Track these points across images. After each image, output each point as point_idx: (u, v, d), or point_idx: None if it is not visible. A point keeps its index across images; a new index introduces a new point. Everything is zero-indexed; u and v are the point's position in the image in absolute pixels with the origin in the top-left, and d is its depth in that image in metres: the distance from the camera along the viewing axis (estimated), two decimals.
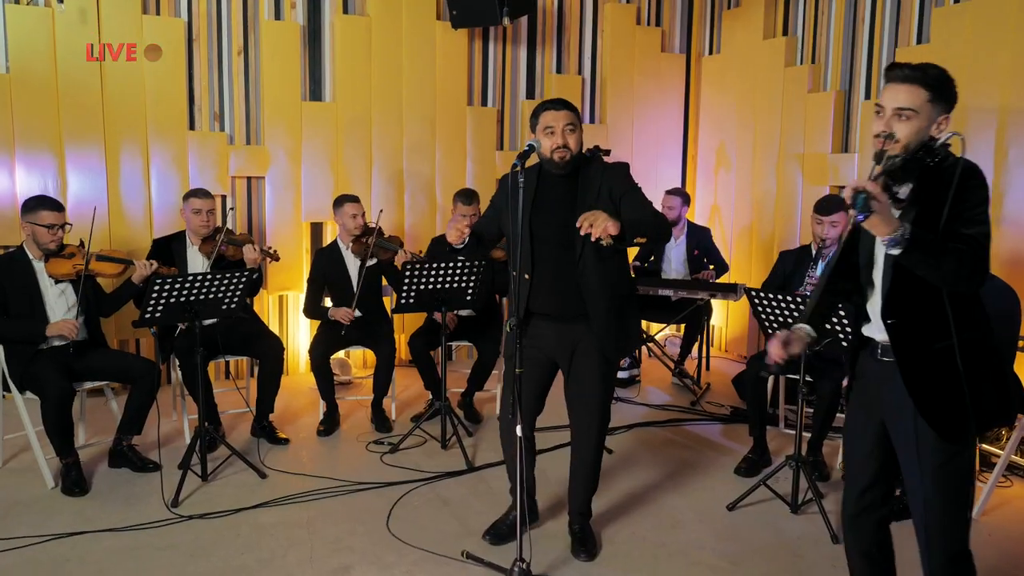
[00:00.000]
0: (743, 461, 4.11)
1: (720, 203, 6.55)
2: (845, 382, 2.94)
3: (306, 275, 5.61)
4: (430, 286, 4.21)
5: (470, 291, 4.30)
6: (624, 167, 3.09)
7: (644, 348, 5.92)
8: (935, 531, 2.11)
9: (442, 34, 5.88)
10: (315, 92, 5.70)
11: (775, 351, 2.27)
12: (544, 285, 3.00)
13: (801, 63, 5.79)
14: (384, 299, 4.97)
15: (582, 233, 2.69)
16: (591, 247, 2.86)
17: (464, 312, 4.88)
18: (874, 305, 2.21)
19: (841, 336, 3.37)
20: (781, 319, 3.55)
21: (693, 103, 6.85)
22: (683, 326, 5.79)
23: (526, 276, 2.99)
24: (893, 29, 5.06)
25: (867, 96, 5.27)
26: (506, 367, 3.14)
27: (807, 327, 2.34)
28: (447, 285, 4.23)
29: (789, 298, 3.51)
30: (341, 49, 5.65)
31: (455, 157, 6.05)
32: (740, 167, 6.31)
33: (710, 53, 6.76)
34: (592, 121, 6.53)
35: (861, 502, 2.33)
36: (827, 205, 4.13)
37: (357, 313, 4.71)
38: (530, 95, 6.31)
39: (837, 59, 5.49)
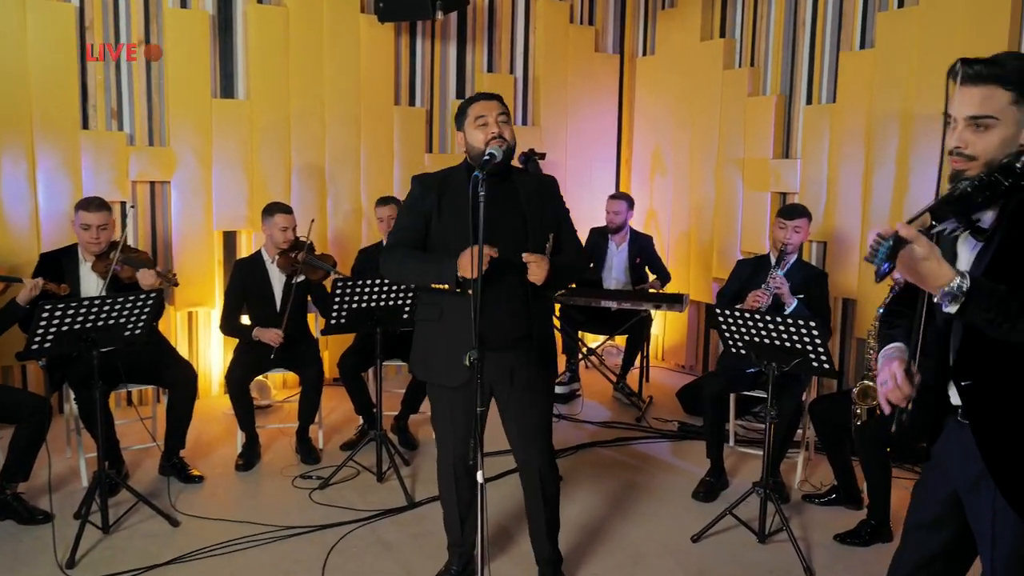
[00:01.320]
0: (701, 485, 3.90)
1: (656, 208, 6.37)
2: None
3: (219, 289, 5.13)
4: (363, 304, 3.83)
5: (407, 308, 3.94)
6: (556, 183, 2.88)
7: (583, 361, 5.68)
8: None
9: (367, 28, 5.47)
10: (227, 88, 5.20)
11: (897, 392, 1.78)
12: (490, 306, 2.60)
13: (740, 66, 5.66)
14: (309, 316, 4.55)
15: (525, 261, 2.53)
16: None
17: None
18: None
19: (812, 356, 3.18)
20: (747, 337, 3.34)
21: (627, 105, 6.65)
22: (624, 338, 5.57)
23: (469, 292, 2.58)
24: (835, 33, 4.96)
25: (808, 101, 5.16)
26: (438, 402, 2.82)
27: (896, 344, 1.90)
28: (382, 303, 3.86)
29: (758, 316, 3.29)
30: (255, 42, 5.17)
31: (381, 160, 5.66)
32: (677, 171, 6.15)
33: (644, 54, 6.57)
34: (525, 123, 6.24)
35: (921, 572, 2.00)
36: (791, 210, 3.98)
37: None
38: (460, 94, 5.97)
39: (777, 62, 5.37)
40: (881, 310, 2.14)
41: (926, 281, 1.55)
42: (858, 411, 3.47)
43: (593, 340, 6.02)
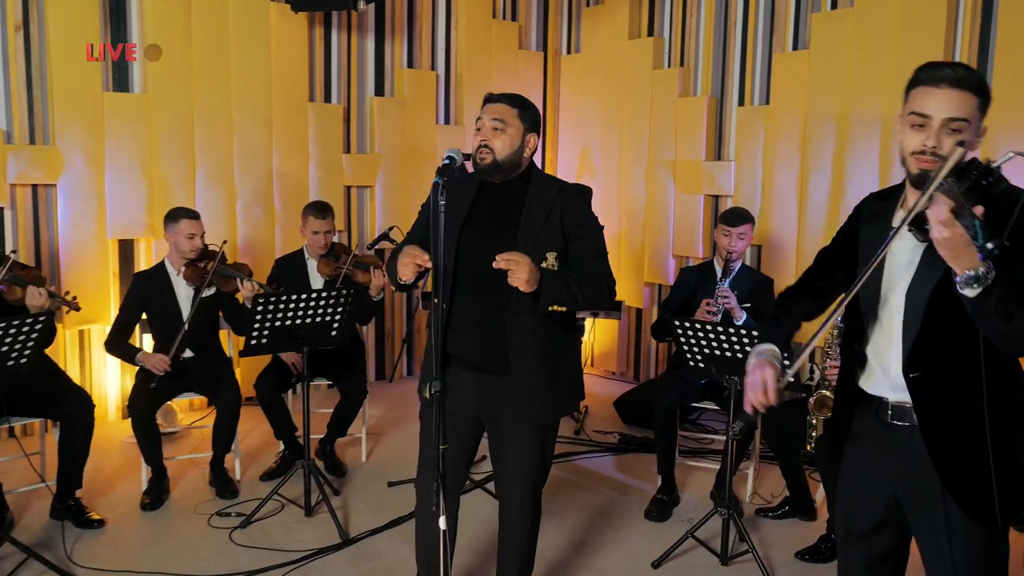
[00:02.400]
0: (653, 503, 3.72)
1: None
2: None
3: (115, 304, 4.62)
4: (287, 322, 3.45)
5: (336, 325, 3.59)
6: (587, 193, 2.49)
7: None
8: None
9: (278, 18, 5.05)
10: (120, 81, 4.68)
11: (760, 396, 1.82)
12: (465, 324, 2.37)
13: (669, 66, 5.54)
14: (222, 332, 4.12)
15: (496, 266, 2.19)
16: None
17: None
18: (879, 353, 1.83)
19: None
20: (707, 350, 3.17)
21: (552, 105, 6.45)
22: None
23: (443, 305, 2.32)
24: (767, 34, 4.90)
25: (741, 102, 5.09)
26: (425, 421, 2.51)
27: (774, 348, 1.92)
28: (308, 320, 3.50)
29: (720, 328, 3.13)
30: (152, 29, 4.67)
31: (296, 160, 5.24)
32: (606, 173, 5.99)
33: (569, 52, 6.39)
34: (447, 122, 5.94)
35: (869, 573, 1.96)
36: (735, 216, 3.83)
37: (188, 353, 3.85)
38: (379, 91, 5.62)
39: (708, 63, 5.28)
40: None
41: (960, 260, 1.51)
42: (814, 422, 3.37)
43: None
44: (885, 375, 1.82)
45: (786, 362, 1.89)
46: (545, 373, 2.39)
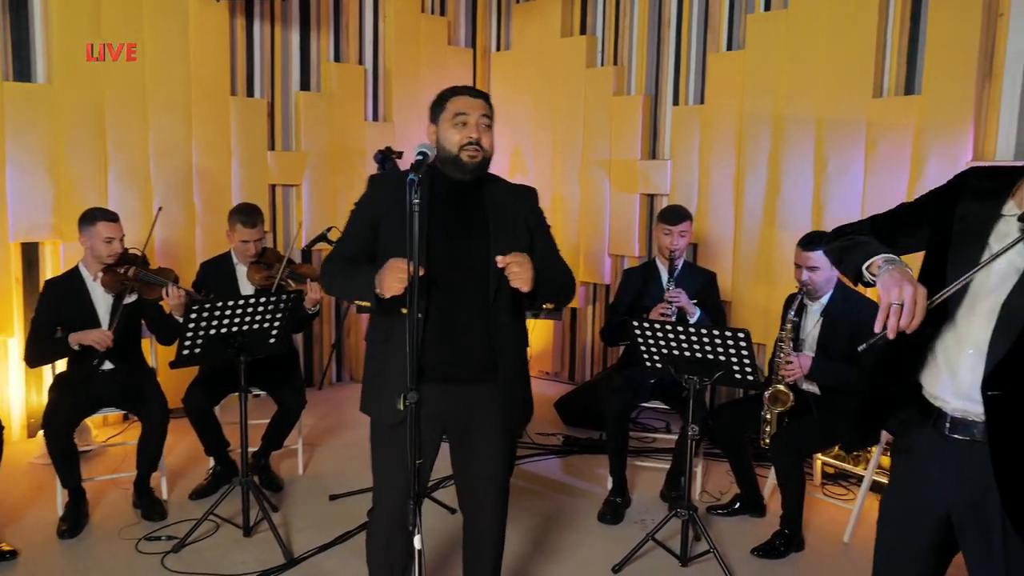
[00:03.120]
0: (606, 506, 3.67)
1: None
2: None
3: (19, 313, 4.25)
4: (223, 330, 3.22)
5: (275, 332, 3.38)
6: (535, 194, 2.46)
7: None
8: None
9: (197, 5, 4.75)
10: (21, 71, 4.30)
11: (909, 318, 1.56)
12: (444, 333, 2.23)
13: (603, 64, 5.52)
14: (144, 342, 3.83)
15: (500, 265, 2.10)
16: (508, 287, 2.19)
17: None
18: (949, 354, 1.71)
19: (736, 367, 3.02)
20: (665, 350, 3.13)
21: None
22: None
23: (418, 315, 2.15)
24: (701, 34, 4.94)
25: (675, 102, 5.11)
26: (377, 445, 2.36)
27: (898, 258, 1.72)
28: (245, 327, 3.27)
29: (680, 328, 3.09)
30: (57, 14, 4.31)
31: (217, 158, 4.95)
32: (538, 172, 5.92)
33: (499, 49, 6.29)
34: (376, 119, 5.75)
35: None
36: (675, 215, 3.81)
37: (108, 365, 3.57)
38: (305, 86, 5.39)
39: (642, 62, 5.28)
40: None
41: None
42: (768, 417, 3.38)
43: None
44: (951, 379, 1.70)
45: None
46: (524, 376, 2.35)
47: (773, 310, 4.44)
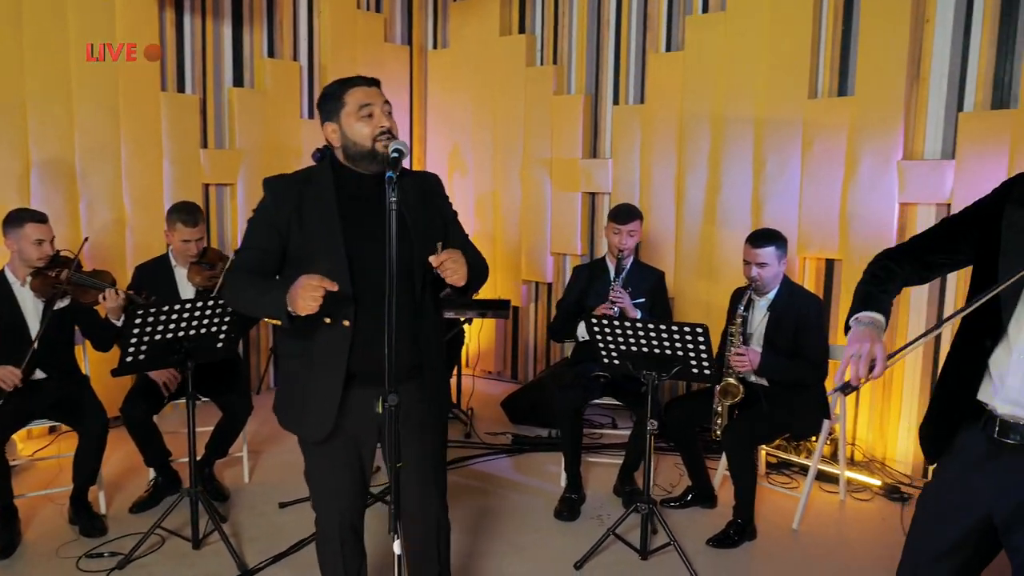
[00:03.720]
0: (561, 503, 3.69)
1: (457, 209, 6.07)
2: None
3: None
4: (168, 335, 3.09)
5: (221, 336, 3.26)
6: (439, 180, 2.42)
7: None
8: None
9: None
10: None
11: (865, 371, 1.69)
12: (366, 338, 2.15)
13: (542, 63, 5.54)
14: (77, 349, 3.64)
15: (435, 264, 2.06)
16: (431, 283, 2.20)
17: None
18: (999, 363, 1.73)
19: (693, 362, 3.08)
20: (624, 347, 3.16)
21: (418, 101, 6.28)
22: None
23: (345, 323, 2.13)
24: (641, 34, 5.01)
25: (616, 101, 5.17)
26: (309, 457, 2.33)
27: (878, 318, 1.79)
28: (192, 331, 3.14)
29: (639, 324, 3.13)
30: None
31: (148, 156, 4.74)
32: (479, 171, 5.90)
33: (436, 47, 6.24)
34: (312, 117, 5.62)
35: None
36: (625, 213, 3.85)
37: (39, 375, 3.38)
38: (238, 82, 5.22)
39: (581, 61, 5.32)
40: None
41: None
42: (719, 409, 3.46)
43: None
44: (1001, 386, 1.73)
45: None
46: (444, 372, 2.41)
47: (715, 305, 4.54)
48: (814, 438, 3.80)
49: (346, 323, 2.15)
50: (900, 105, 3.97)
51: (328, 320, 2.13)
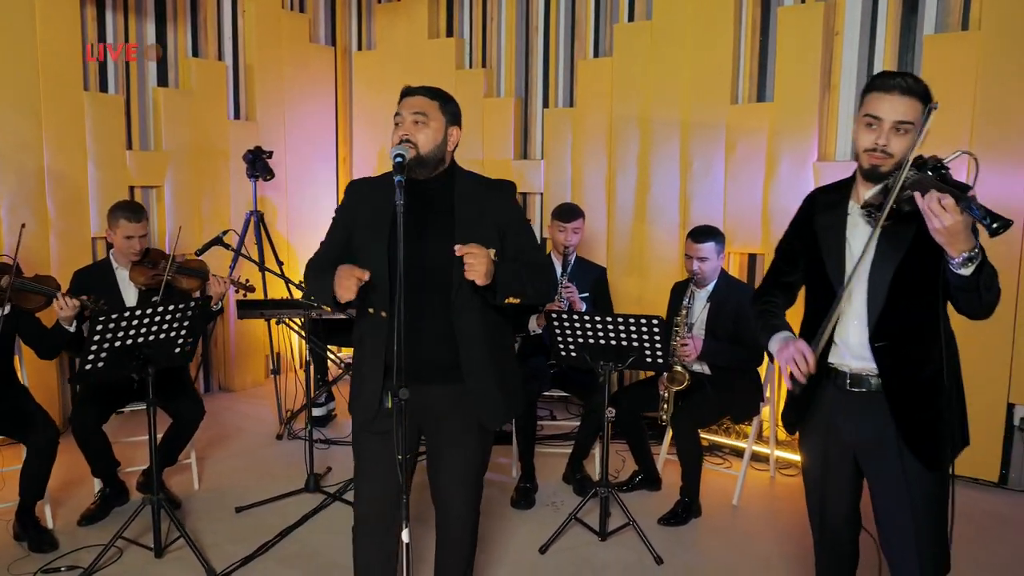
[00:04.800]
0: (517, 492, 3.83)
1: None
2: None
3: None
4: (128, 340, 3.03)
5: (180, 341, 3.22)
6: (511, 189, 2.46)
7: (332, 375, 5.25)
8: (928, 554, 2.06)
9: None
10: None
11: (803, 365, 1.99)
12: (408, 334, 2.19)
13: (471, 66, 5.66)
14: (15, 360, 3.50)
15: (458, 254, 2.13)
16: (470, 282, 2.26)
17: None
18: (841, 329, 2.08)
19: (648, 352, 3.27)
20: (581, 339, 3.33)
21: (343, 101, 6.27)
22: None
23: (383, 314, 2.22)
24: (569, 40, 5.20)
25: (546, 104, 5.35)
26: (354, 444, 2.37)
27: (788, 332, 2.15)
28: (152, 336, 3.10)
29: (587, 317, 3.30)
30: None
31: (72, 158, 4.57)
32: None
33: (360, 48, 6.24)
34: (238, 117, 5.54)
35: (847, 530, 2.25)
36: (568, 212, 4.03)
37: None
38: (162, 81, 5.09)
39: (511, 65, 5.47)
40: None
41: (957, 245, 1.73)
42: (666, 396, 3.68)
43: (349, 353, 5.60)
44: (846, 347, 2.08)
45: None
46: (495, 375, 2.31)
47: (647, 300, 4.80)
48: (748, 427, 4.10)
49: (383, 313, 2.22)
50: (814, 110, 4.32)
51: (371, 310, 2.24)
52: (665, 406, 3.67)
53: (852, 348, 2.08)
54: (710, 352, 3.65)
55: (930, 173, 1.85)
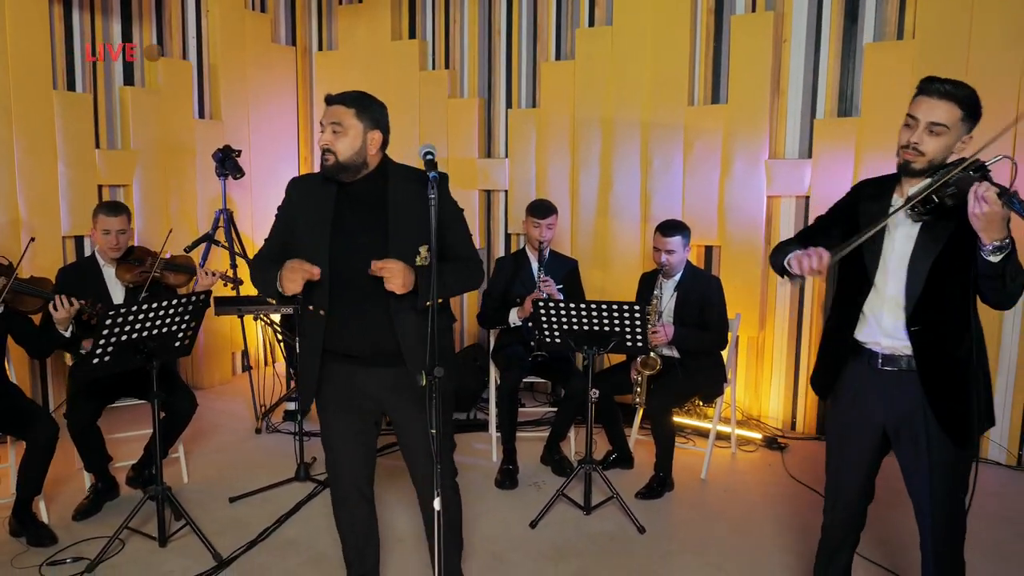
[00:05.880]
0: (501, 474, 4.03)
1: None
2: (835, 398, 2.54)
3: None
4: (134, 335, 3.11)
5: (180, 334, 3.30)
6: (446, 180, 2.56)
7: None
8: (944, 510, 2.25)
9: None
10: None
11: (816, 263, 2.17)
12: (351, 325, 2.45)
13: (434, 68, 5.82)
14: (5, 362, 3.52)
15: (372, 272, 2.32)
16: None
17: None
18: (874, 309, 2.26)
19: (628, 336, 3.51)
20: (566, 326, 3.55)
21: (303, 101, 6.34)
22: None
23: (321, 312, 2.44)
24: (531, 43, 5.42)
25: (509, 104, 5.55)
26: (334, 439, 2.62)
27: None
28: (155, 331, 3.18)
29: (572, 305, 3.52)
30: None
31: (42, 157, 4.55)
32: None
33: (321, 48, 6.33)
34: (202, 116, 5.56)
35: (858, 500, 2.43)
36: (543, 209, 4.24)
37: None
38: (128, 80, 5.09)
39: (474, 67, 5.65)
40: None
41: (991, 232, 1.93)
42: (639, 379, 3.93)
43: None
44: (878, 327, 2.25)
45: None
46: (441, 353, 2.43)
47: (609, 291, 5.05)
48: (701, 403, 4.43)
49: (322, 312, 2.44)
50: (765, 112, 4.64)
51: (311, 307, 2.46)
52: (638, 390, 3.92)
53: (885, 329, 2.24)
54: (680, 337, 3.92)
55: (972, 173, 2.04)
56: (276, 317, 4.96)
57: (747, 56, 4.67)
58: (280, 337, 5.14)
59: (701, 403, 4.54)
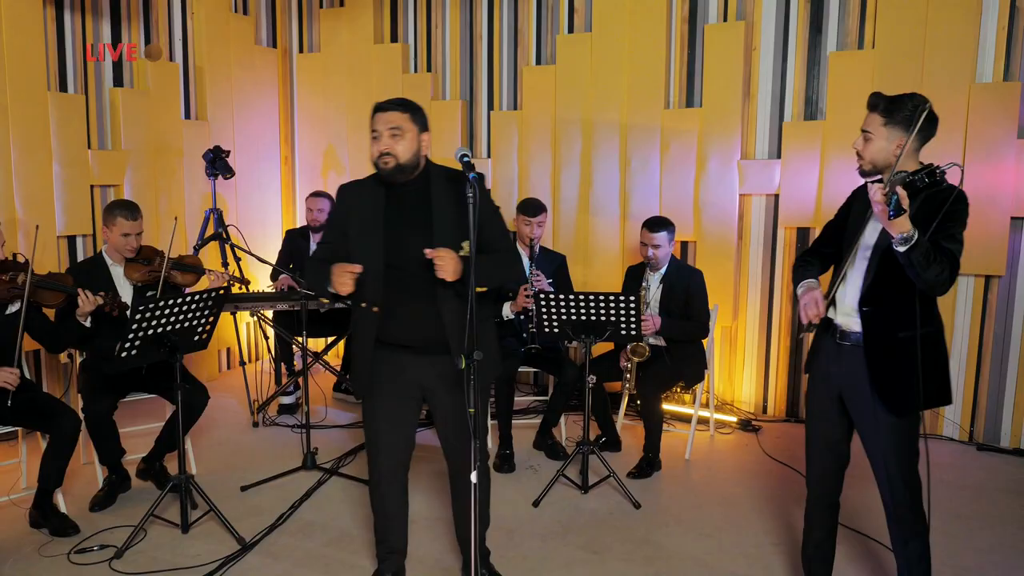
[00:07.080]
0: (498, 458, 4.25)
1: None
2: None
3: None
4: (159, 329, 3.24)
5: (200, 329, 3.44)
6: (483, 181, 2.73)
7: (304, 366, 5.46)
8: (895, 471, 2.54)
9: None
10: None
11: (814, 309, 2.49)
12: (400, 314, 2.67)
13: (416, 71, 5.99)
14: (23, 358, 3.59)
15: (428, 258, 2.53)
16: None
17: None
18: (842, 293, 2.57)
19: (623, 325, 3.76)
20: (564, 316, 3.78)
21: (285, 102, 6.45)
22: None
23: (374, 309, 2.66)
24: (512, 48, 5.64)
25: (491, 107, 5.76)
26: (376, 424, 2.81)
27: (812, 280, 2.64)
28: (178, 325, 3.31)
29: (571, 296, 3.76)
30: None
31: (36, 157, 4.60)
32: (355, 170, 6.20)
33: (303, 50, 6.44)
34: (188, 116, 5.64)
35: (838, 459, 2.69)
36: (534, 207, 4.46)
37: None
38: (118, 81, 5.15)
39: (456, 70, 5.85)
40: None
41: (894, 227, 2.23)
42: (629, 366, 4.18)
43: (321, 346, 5.83)
44: (843, 306, 2.57)
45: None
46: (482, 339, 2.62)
47: (591, 285, 5.31)
48: (679, 390, 4.72)
49: (375, 308, 2.65)
50: (737, 115, 4.95)
51: (363, 304, 2.66)
52: (628, 376, 4.18)
53: (845, 308, 2.56)
54: (667, 327, 4.18)
55: (916, 176, 2.31)
56: (269, 313, 5.08)
57: (720, 62, 4.96)
58: (269, 333, 5.25)
59: (681, 389, 4.83)
